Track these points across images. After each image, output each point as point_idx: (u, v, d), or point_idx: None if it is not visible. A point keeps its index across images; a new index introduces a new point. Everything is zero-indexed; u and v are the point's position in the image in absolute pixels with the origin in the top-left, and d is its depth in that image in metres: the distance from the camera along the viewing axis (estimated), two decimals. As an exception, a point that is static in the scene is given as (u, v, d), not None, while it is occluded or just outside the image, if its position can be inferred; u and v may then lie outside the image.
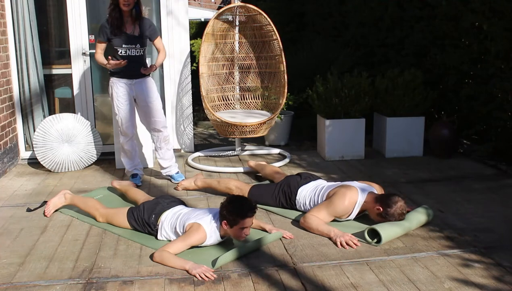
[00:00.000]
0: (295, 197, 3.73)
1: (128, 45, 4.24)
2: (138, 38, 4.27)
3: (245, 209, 3.03)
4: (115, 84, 4.34)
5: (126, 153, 4.54)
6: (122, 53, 4.24)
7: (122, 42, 4.22)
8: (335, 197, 3.44)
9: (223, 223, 3.05)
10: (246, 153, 5.52)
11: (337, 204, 3.41)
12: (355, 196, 3.44)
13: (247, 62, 5.63)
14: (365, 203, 3.44)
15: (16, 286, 2.74)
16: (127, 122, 4.37)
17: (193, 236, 3.05)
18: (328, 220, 3.44)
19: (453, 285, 2.70)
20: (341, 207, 3.41)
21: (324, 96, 5.28)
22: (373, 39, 6.31)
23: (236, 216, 3.00)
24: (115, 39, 4.21)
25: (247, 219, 3.02)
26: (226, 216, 3.03)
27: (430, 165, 5.03)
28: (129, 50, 4.25)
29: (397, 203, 3.31)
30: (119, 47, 4.23)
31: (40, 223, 3.63)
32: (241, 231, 3.03)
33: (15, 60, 5.16)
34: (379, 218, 3.35)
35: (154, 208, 3.35)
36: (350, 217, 3.49)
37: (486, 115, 5.04)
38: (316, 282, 2.75)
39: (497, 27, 4.73)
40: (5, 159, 4.88)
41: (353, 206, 3.43)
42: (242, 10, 5.40)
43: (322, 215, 3.42)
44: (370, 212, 3.44)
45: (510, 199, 4.00)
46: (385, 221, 3.32)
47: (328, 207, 3.42)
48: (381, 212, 3.32)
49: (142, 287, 2.72)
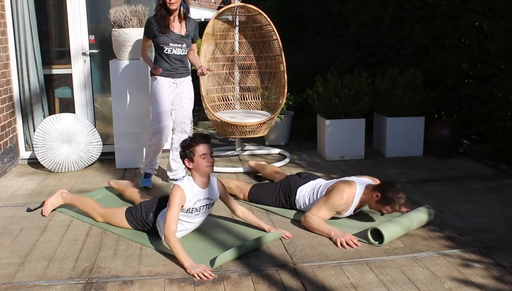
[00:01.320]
0: (294, 196, 3.73)
1: (175, 44, 4.19)
2: (185, 38, 4.23)
3: (197, 137, 3.16)
4: (158, 82, 4.25)
5: (150, 154, 4.46)
6: (168, 51, 4.19)
7: (169, 40, 4.16)
8: (334, 192, 3.43)
9: (185, 162, 3.14)
10: (246, 153, 5.52)
11: (335, 198, 3.40)
12: (353, 189, 3.44)
13: (247, 62, 5.63)
14: (364, 195, 3.44)
15: (16, 286, 2.74)
16: (165, 122, 4.29)
17: (174, 196, 3.06)
18: (329, 216, 3.44)
19: (453, 285, 2.70)
20: (340, 201, 3.41)
21: (324, 96, 5.28)
22: (373, 39, 6.31)
23: (190, 147, 3.11)
24: (162, 37, 4.15)
25: (200, 144, 3.12)
26: (183, 154, 3.15)
27: (430, 165, 5.03)
28: (175, 49, 4.20)
29: (394, 187, 3.32)
30: (166, 45, 4.17)
31: (40, 223, 3.63)
32: (204, 161, 3.10)
33: (15, 60, 5.16)
34: (379, 205, 3.34)
35: (152, 207, 3.36)
36: (349, 211, 3.48)
37: (486, 115, 5.04)
38: (316, 282, 2.75)
39: (497, 27, 4.73)
40: (5, 159, 4.88)
41: (352, 199, 3.43)
42: (242, 10, 5.40)
43: (322, 212, 3.42)
44: (369, 202, 3.42)
45: (510, 199, 4.01)
46: (385, 208, 3.31)
47: (327, 203, 3.42)
48: (380, 198, 3.31)
49: (142, 287, 2.72)
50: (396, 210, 3.33)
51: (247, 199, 3.96)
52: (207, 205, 3.24)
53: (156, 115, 4.29)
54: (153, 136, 4.35)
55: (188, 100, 4.40)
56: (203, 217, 3.28)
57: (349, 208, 3.46)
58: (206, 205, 3.22)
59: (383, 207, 3.32)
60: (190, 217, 3.20)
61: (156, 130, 4.30)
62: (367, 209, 3.59)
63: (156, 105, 4.27)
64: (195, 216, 3.21)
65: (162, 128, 4.29)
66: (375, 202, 3.36)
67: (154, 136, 4.34)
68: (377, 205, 3.35)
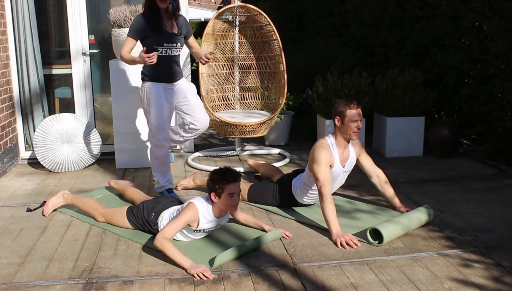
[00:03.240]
0: (290, 189, 3.76)
1: (169, 44, 3.79)
2: (178, 36, 3.85)
3: (229, 174, 3.09)
4: (151, 89, 3.83)
5: (160, 167, 4.05)
6: (162, 53, 3.76)
7: (164, 40, 3.76)
8: (312, 155, 3.51)
9: (212, 195, 3.08)
10: (246, 153, 5.52)
11: (316, 155, 3.46)
12: (324, 140, 3.55)
13: (247, 62, 5.63)
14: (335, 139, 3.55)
15: (16, 286, 2.74)
16: (164, 133, 3.90)
17: (185, 213, 3.05)
18: (328, 172, 3.45)
19: (453, 285, 2.70)
20: (321, 154, 3.45)
21: (324, 96, 5.28)
22: (373, 39, 6.31)
23: (221, 183, 3.04)
24: (154, 37, 3.74)
25: (232, 183, 3.06)
26: (212, 187, 3.07)
27: (430, 165, 5.03)
28: (169, 49, 3.80)
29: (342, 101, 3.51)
30: (160, 46, 3.75)
31: (40, 223, 3.63)
32: (231, 199, 3.06)
33: (15, 60, 5.16)
34: (345, 127, 3.45)
35: (154, 206, 3.36)
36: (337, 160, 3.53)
37: (486, 115, 5.04)
38: (316, 282, 2.75)
39: (497, 27, 4.73)
40: (5, 159, 4.88)
41: (328, 146, 3.51)
42: (242, 10, 5.40)
43: (321, 173, 3.41)
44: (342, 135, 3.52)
45: (510, 199, 4.01)
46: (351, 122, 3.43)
47: (315, 163, 3.45)
48: (338, 118, 3.47)
49: (142, 287, 2.72)
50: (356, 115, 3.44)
51: (245, 199, 3.96)
52: (215, 226, 3.24)
53: (156, 126, 3.88)
54: (156, 149, 3.98)
55: (193, 96, 4.04)
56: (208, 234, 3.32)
57: (334, 156, 3.51)
58: (214, 227, 3.23)
59: (348, 123, 3.44)
60: (195, 234, 3.22)
61: (159, 142, 3.93)
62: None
63: (155, 116, 3.85)
64: (200, 235, 3.24)
65: (165, 139, 3.95)
66: (340, 128, 3.49)
67: (157, 148, 3.97)
68: (344, 128, 3.47)
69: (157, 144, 3.96)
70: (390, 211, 3.71)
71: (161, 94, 3.87)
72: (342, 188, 3.98)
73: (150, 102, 3.86)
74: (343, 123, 3.48)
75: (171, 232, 3.01)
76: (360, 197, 4.09)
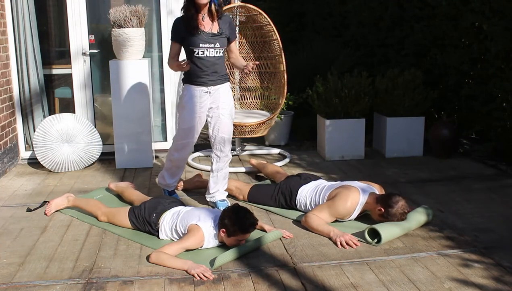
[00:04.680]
0: (295, 197, 3.73)
1: (206, 44, 3.58)
2: (218, 36, 3.62)
3: (247, 223, 3.06)
4: (186, 91, 3.70)
5: (171, 168, 3.96)
6: (199, 54, 3.60)
7: (199, 41, 3.57)
8: (337, 199, 3.44)
9: (221, 230, 3.06)
10: (246, 153, 5.52)
11: (339, 205, 3.42)
12: (357, 197, 3.45)
13: (247, 62, 5.61)
14: (367, 203, 3.45)
15: (16, 286, 2.74)
16: (190, 138, 3.78)
17: (190, 239, 3.06)
18: (330, 221, 3.45)
19: (453, 285, 2.70)
20: (343, 209, 3.42)
21: (324, 96, 5.28)
22: (373, 39, 6.31)
23: (237, 229, 3.03)
24: (191, 38, 3.58)
25: (247, 234, 3.08)
26: (226, 225, 3.04)
27: (430, 165, 5.03)
28: (207, 50, 3.60)
29: (398, 203, 3.32)
30: (196, 47, 3.58)
31: (40, 223, 3.63)
32: (238, 242, 3.08)
33: (15, 60, 5.16)
34: (381, 218, 3.37)
35: (156, 207, 3.36)
36: (351, 217, 3.49)
37: (486, 115, 5.04)
38: (316, 282, 2.75)
39: (497, 27, 4.73)
40: (5, 159, 4.88)
41: (354, 207, 3.44)
42: (242, 10, 5.40)
43: (324, 215, 3.42)
44: (372, 212, 3.45)
45: (510, 199, 4.01)
46: (387, 221, 3.33)
47: (331, 208, 3.43)
48: (383, 212, 3.33)
49: (142, 287, 2.72)
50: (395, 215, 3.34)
51: (246, 199, 3.96)
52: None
53: (182, 130, 3.77)
54: (175, 152, 3.88)
55: (226, 111, 3.76)
56: None
57: (352, 214, 3.47)
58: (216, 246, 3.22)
59: (386, 220, 3.35)
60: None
61: (180, 145, 3.83)
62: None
63: (184, 119, 3.73)
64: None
65: (186, 145, 3.83)
66: (378, 215, 3.39)
67: (177, 151, 3.87)
68: (380, 218, 3.39)
69: (176, 147, 3.85)
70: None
71: (195, 98, 3.69)
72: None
73: (181, 105, 3.75)
74: (383, 216, 3.36)
75: (173, 252, 3.00)
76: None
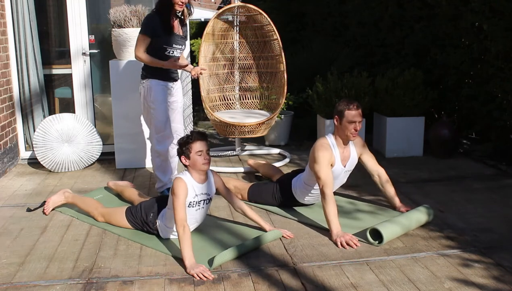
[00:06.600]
0: (290, 188, 3.76)
1: (177, 46, 3.93)
2: (184, 39, 4.02)
3: (192, 134, 3.15)
4: (155, 86, 3.92)
5: (161, 164, 4.09)
6: (170, 53, 3.90)
7: (173, 41, 3.89)
8: (313, 154, 3.51)
9: (182, 159, 3.14)
10: (246, 153, 5.52)
11: (318, 156, 3.45)
12: (324, 139, 3.55)
13: (247, 62, 5.63)
14: (336, 138, 3.54)
15: (16, 286, 2.74)
16: (168, 128, 3.99)
17: (177, 188, 3.05)
18: (329, 171, 3.44)
19: (453, 285, 2.70)
20: (323, 155, 3.44)
21: (324, 96, 5.28)
22: (373, 39, 6.31)
23: (186, 144, 3.11)
24: (166, 37, 3.85)
25: (197, 142, 3.12)
26: (179, 150, 3.15)
27: (430, 165, 5.03)
28: (175, 51, 3.95)
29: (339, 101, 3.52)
30: (169, 46, 3.88)
31: (40, 223, 3.63)
32: (200, 157, 3.10)
33: (15, 60, 5.16)
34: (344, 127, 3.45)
35: (152, 207, 3.36)
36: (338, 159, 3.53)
37: (486, 115, 5.04)
38: (316, 282, 2.75)
39: (497, 27, 4.73)
40: (5, 159, 4.88)
41: (330, 148, 3.50)
42: (242, 10, 5.40)
43: (322, 172, 3.40)
44: (341, 135, 3.51)
45: (510, 199, 4.01)
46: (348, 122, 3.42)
47: (316, 163, 3.45)
48: (337, 117, 3.47)
49: (142, 287, 2.72)
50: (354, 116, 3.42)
51: (246, 199, 3.96)
52: (206, 200, 3.23)
53: (159, 122, 3.97)
54: (158, 145, 4.03)
55: (180, 105, 4.19)
56: (203, 213, 3.28)
57: (335, 155, 3.51)
58: (204, 200, 3.22)
59: (346, 124, 3.43)
60: (191, 212, 3.17)
61: (161, 137, 4.01)
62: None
63: (159, 112, 3.94)
64: (195, 211, 3.20)
65: (166, 135, 4.02)
66: (338, 127, 3.48)
67: (159, 144, 4.03)
68: (342, 128, 3.46)
69: (159, 139, 4.02)
70: (390, 211, 3.71)
71: (164, 91, 3.98)
72: (342, 188, 3.98)
73: (154, 99, 3.94)
74: (341, 123, 3.48)
75: (181, 211, 2.99)
76: (360, 197, 4.09)
